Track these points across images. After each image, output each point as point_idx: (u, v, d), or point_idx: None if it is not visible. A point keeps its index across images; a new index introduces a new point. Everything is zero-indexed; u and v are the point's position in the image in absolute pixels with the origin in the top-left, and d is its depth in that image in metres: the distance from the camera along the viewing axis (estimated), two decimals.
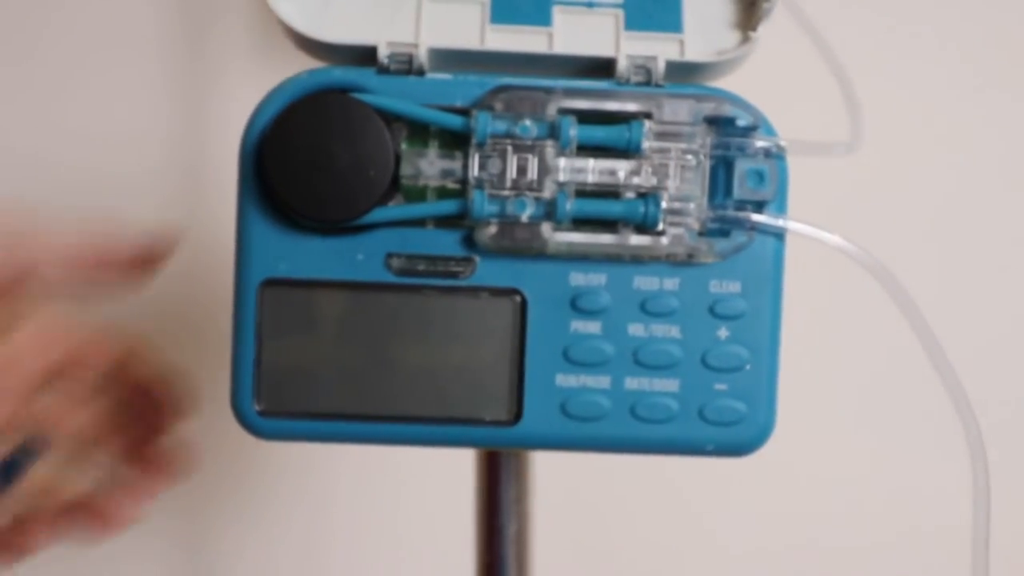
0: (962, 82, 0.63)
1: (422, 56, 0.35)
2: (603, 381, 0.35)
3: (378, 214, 0.34)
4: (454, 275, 0.35)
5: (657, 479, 0.67)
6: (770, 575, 0.70)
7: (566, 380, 0.36)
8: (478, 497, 0.52)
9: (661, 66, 0.35)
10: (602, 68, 0.35)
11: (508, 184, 0.34)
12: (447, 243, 0.35)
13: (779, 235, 0.35)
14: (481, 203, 0.34)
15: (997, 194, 0.64)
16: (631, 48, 0.35)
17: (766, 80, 0.34)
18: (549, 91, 0.34)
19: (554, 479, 0.59)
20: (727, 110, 0.33)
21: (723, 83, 0.36)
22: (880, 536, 0.69)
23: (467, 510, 0.52)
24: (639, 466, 0.66)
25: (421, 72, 0.35)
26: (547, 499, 0.55)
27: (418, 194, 0.35)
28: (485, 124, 0.33)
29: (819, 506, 0.69)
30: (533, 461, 0.52)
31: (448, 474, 0.59)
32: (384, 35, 0.35)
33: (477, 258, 0.35)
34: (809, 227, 0.36)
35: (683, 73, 0.35)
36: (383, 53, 0.35)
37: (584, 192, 0.34)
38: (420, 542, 0.69)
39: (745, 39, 0.36)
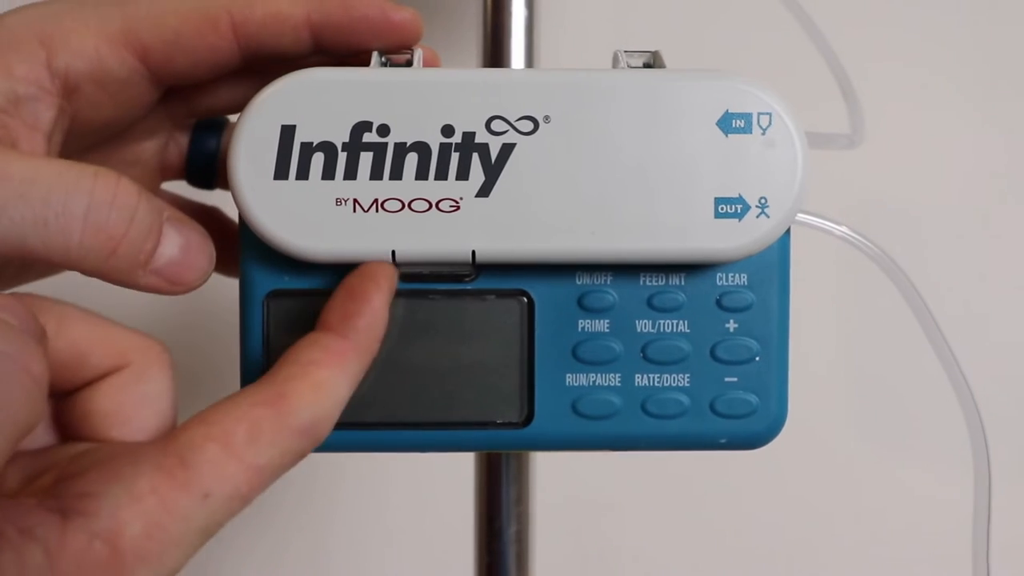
0: (971, 70, 0.64)
1: None
2: (613, 379, 0.36)
3: None
4: (459, 278, 0.35)
5: (658, 479, 0.67)
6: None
7: (576, 379, 0.36)
8: (478, 498, 0.52)
9: None
10: None
11: None
12: None
13: None
14: None
15: (1010, 187, 0.65)
16: None
17: (767, 73, 0.34)
18: None
19: (554, 480, 0.59)
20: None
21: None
22: (882, 539, 0.69)
23: (467, 511, 0.52)
24: (640, 466, 0.66)
25: None
26: (547, 500, 0.55)
27: None
28: None
29: (821, 506, 0.69)
30: (533, 462, 0.52)
31: (448, 475, 0.59)
32: None
33: None
34: (817, 218, 0.36)
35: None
36: None
37: None
38: (420, 543, 0.69)
39: None
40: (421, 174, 0.33)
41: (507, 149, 0.33)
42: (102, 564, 0.25)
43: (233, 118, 0.40)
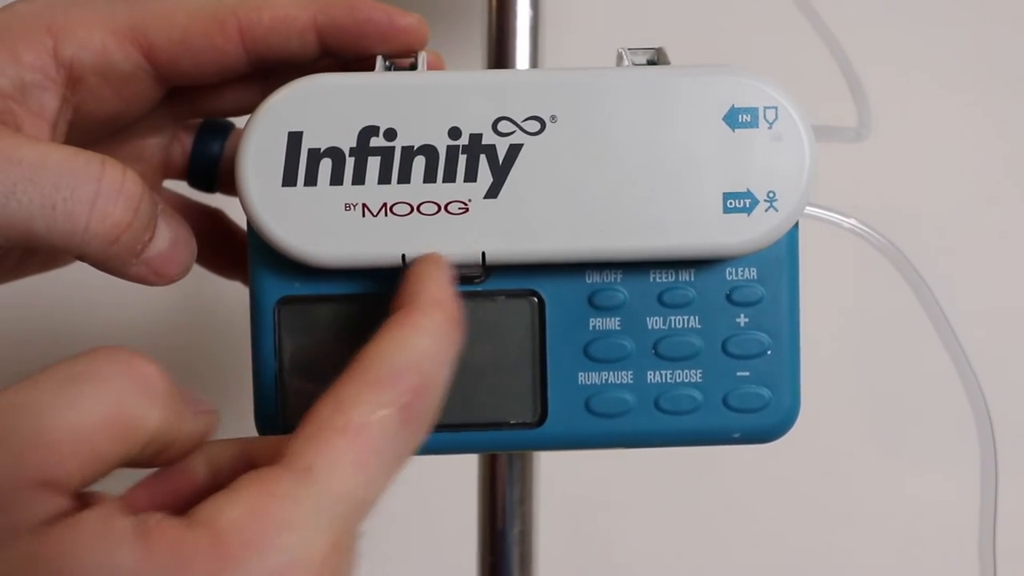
0: (982, 62, 0.64)
1: None
2: (625, 376, 0.36)
3: None
4: (470, 280, 0.35)
5: (662, 480, 0.67)
6: None
7: (588, 378, 0.36)
8: (481, 498, 0.52)
9: None
10: None
11: None
12: None
13: None
14: None
15: (1020, 181, 0.65)
16: None
17: (774, 68, 0.34)
18: None
19: (558, 480, 0.59)
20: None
21: None
22: (886, 538, 0.69)
23: (471, 511, 0.52)
24: (643, 466, 0.66)
25: None
26: (551, 500, 0.55)
27: None
28: None
29: (825, 505, 0.69)
30: (537, 462, 0.52)
31: (451, 475, 0.59)
32: None
33: None
34: (825, 211, 0.37)
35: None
36: None
37: None
38: (423, 544, 0.69)
39: None
40: (429, 177, 0.33)
41: (514, 150, 0.33)
42: (202, 550, 0.24)
43: (238, 122, 0.40)
